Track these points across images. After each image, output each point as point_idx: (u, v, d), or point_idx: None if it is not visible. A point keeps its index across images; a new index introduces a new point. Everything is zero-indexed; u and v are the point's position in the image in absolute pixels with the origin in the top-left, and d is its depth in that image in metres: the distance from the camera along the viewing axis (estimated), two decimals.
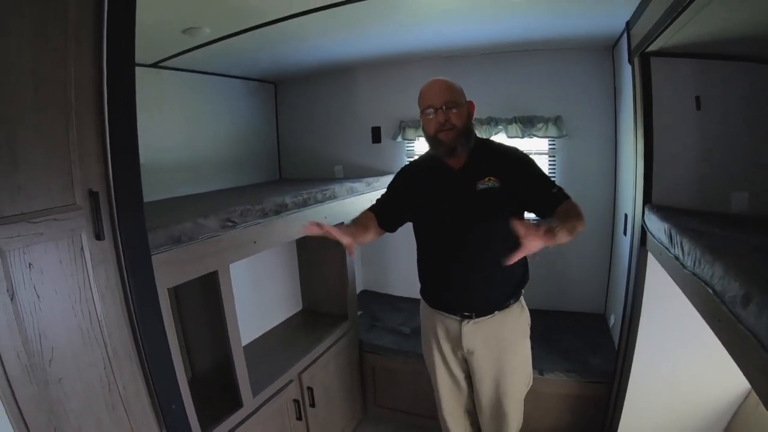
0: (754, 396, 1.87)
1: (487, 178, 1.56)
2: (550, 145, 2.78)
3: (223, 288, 1.74)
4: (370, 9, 1.96)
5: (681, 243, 1.42)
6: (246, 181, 3.15)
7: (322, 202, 2.32)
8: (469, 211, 1.57)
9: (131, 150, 1.37)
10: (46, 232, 1.19)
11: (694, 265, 1.30)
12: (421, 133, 2.97)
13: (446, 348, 1.78)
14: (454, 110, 1.52)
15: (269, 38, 2.25)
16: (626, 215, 2.27)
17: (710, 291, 1.16)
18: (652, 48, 1.61)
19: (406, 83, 2.94)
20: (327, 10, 1.92)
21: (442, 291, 1.72)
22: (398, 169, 1.84)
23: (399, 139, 3.10)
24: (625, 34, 2.01)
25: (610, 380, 2.22)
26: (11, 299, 1.12)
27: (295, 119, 3.45)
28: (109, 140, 1.30)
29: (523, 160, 1.60)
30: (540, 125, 2.63)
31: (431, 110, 1.53)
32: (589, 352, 2.43)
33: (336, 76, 3.19)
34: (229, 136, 3.07)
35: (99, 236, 1.29)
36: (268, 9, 1.87)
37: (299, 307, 2.99)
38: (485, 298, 1.66)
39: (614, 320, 2.52)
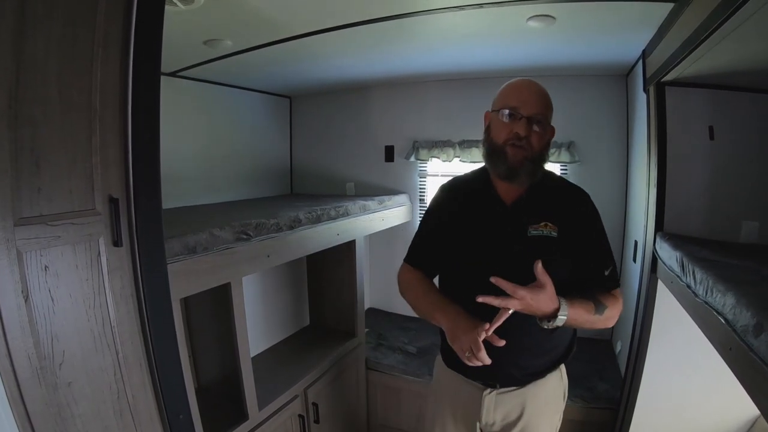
0: (761, 423, 1.84)
1: (543, 223, 1.23)
2: (562, 169, 2.79)
3: (235, 300, 1.75)
4: (392, 30, 2.00)
5: (693, 272, 1.42)
6: (257, 194, 3.18)
7: (335, 218, 2.34)
8: (513, 261, 1.20)
9: (153, 158, 1.39)
10: (64, 235, 1.21)
11: (706, 294, 1.31)
12: (436, 153, 3.02)
13: (459, 419, 1.43)
14: (539, 128, 1.18)
15: (289, 53, 2.30)
16: (636, 242, 2.27)
17: (722, 320, 1.16)
18: (667, 78, 1.63)
19: (421, 103, 3.00)
20: (350, 29, 1.97)
21: None
22: (415, 192, 1.50)
23: (412, 158, 3.12)
24: (641, 63, 2.04)
25: (616, 406, 2.19)
26: (25, 301, 1.13)
27: (309, 134, 3.50)
28: (132, 147, 1.33)
29: (590, 213, 1.28)
30: (553, 150, 2.65)
31: (513, 114, 1.19)
32: (596, 378, 2.41)
33: (351, 94, 3.24)
34: (243, 148, 3.11)
35: (117, 243, 1.30)
36: (293, 24, 1.92)
37: (306, 323, 2.99)
38: (520, 366, 1.31)
39: (621, 347, 2.50)
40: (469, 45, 2.22)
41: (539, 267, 1.06)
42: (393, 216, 2.92)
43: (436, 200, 1.44)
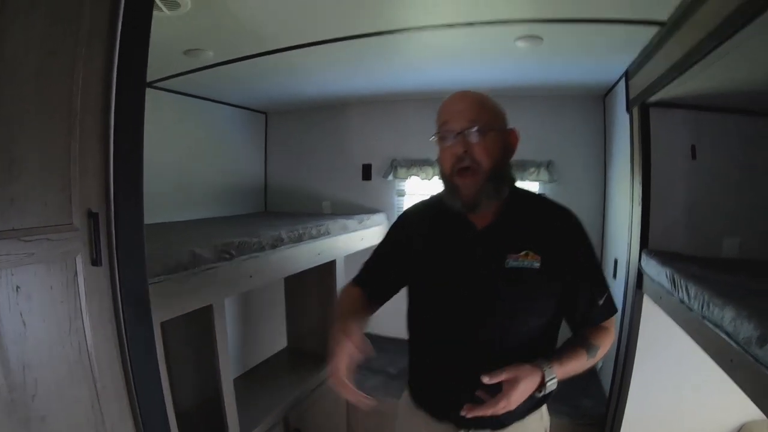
0: (746, 430, 1.90)
1: (523, 252, 1.03)
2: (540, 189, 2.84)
3: (218, 323, 1.64)
4: (377, 46, 1.99)
5: (686, 287, 1.45)
6: (231, 211, 3.06)
7: (316, 237, 2.28)
8: (490, 295, 1.05)
9: (135, 169, 1.30)
10: (38, 253, 1.09)
11: (702, 309, 1.33)
12: (415, 172, 3.01)
13: None
14: (480, 138, 1.00)
15: (269, 67, 2.25)
16: (616, 260, 2.32)
17: (721, 333, 1.19)
18: (652, 99, 1.69)
19: (400, 122, 3.00)
20: (335, 43, 1.94)
21: (438, 390, 1.15)
22: (393, 211, 1.28)
23: (390, 177, 3.10)
24: (621, 84, 2.12)
25: (601, 422, 2.20)
26: None
27: (285, 151, 3.42)
28: (113, 156, 1.23)
29: (578, 237, 1.09)
30: (532, 169, 2.70)
31: (445, 134, 1.05)
32: (580, 395, 2.42)
33: (328, 110, 3.21)
34: (217, 163, 3.00)
35: (96, 262, 1.19)
36: (279, 36, 1.88)
37: (283, 345, 2.87)
38: None
39: (602, 363, 2.52)
40: (453, 64, 2.24)
41: (488, 379, 0.93)
42: (371, 235, 2.87)
43: (396, 224, 1.27)
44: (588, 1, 1.52)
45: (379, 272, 1.25)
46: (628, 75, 1.93)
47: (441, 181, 1.13)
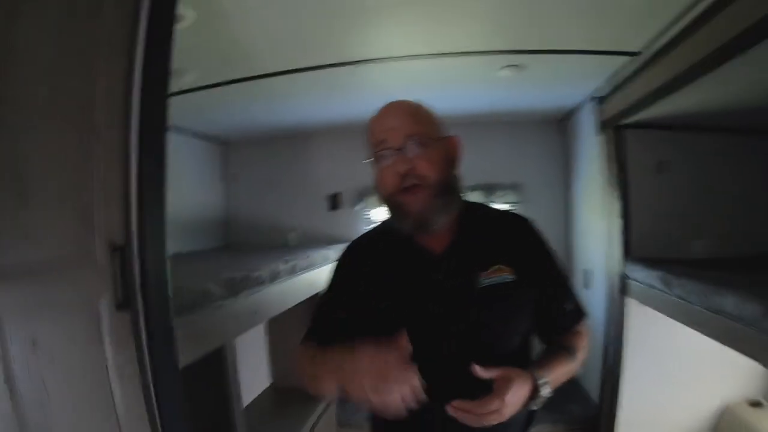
0: (728, 409, 2.13)
1: (495, 268, 0.94)
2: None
3: (231, 368, 1.46)
4: (346, 75, 2.02)
5: (682, 285, 1.61)
6: (191, 245, 2.75)
7: (306, 269, 2.18)
8: (471, 324, 0.92)
9: (160, 194, 1.14)
10: (58, 296, 0.90)
11: (701, 300, 1.51)
12: None
13: None
14: (421, 150, 0.90)
15: (231, 95, 2.17)
16: (586, 270, 2.52)
17: (725, 318, 1.39)
18: (626, 121, 1.91)
19: (366, 151, 2.99)
20: (304, 73, 1.95)
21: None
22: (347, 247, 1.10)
23: (359, 207, 3.06)
24: (584, 109, 2.35)
25: (591, 425, 2.31)
26: (10, 392, 0.80)
27: (247, 182, 3.23)
28: (137, 179, 1.06)
29: (540, 243, 1.03)
30: (500, 192, 2.84)
31: (385, 152, 0.92)
32: (565, 401, 2.50)
33: (294, 140, 3.11)
34: (178, 195, 2.71)
35: (122, 305, 1.00)
36: (267, 62, 1.86)
37: (268, 382, 2.68)
38: None
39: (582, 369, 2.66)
40: (422, 91, 2.31)
41: (478, 370, 0.83)
42: None
43: (339, 267, 1.08)
44: (568, 33, 1.68)
45: (334, 325, 1.03)
46: (599, 100, 2.15)
47: (382, 204, 1.00)
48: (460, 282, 0.93)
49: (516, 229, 1.02)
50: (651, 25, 1.52)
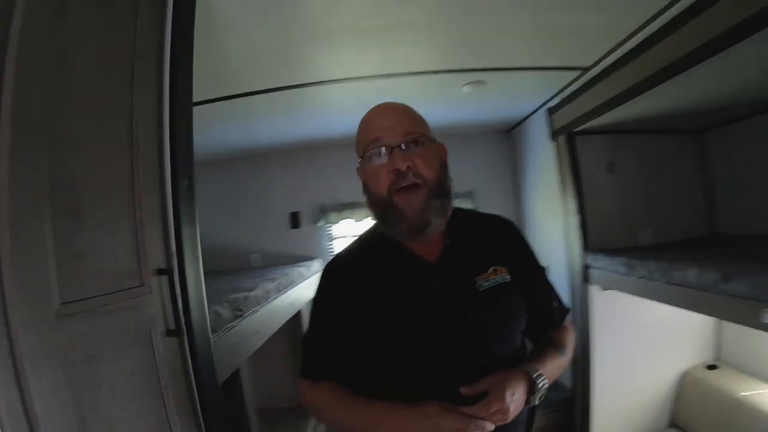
0: (689, 373, 2.39)
1: (491, 270, 0.94)
2: None
3: (246, 389, 1.39)
4: (302, 96, 2.05)
5: (645, 265, 1.85)
6: None
7: (287, 287, 2.12)
8: (469, 327, 0.89)
9: (192, 213, 1.08)
10: (116, 327, 0.83)
11: (664, 275, 1.75)
12: (346, 215, 3.01)
13: None
14: (420, 149, 0.88)
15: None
16: (545, 267, 2.73)
17: (687, 288, 1.63)
18: (577, 129, 2.16)
19: (326, 167, 3.00)
20: (263, 95, 1.96)
21: None
22: (325, 257, 0.98)
23: (321, 223, 3.03)
24: (533, 119, 2.61)
25: (566, 407, 2.49)
26: None
27: (203, 205, 3.00)
28: (172, 197, 1.01)
29: (525, 242, 1.04)
30: (457, 200, 2.98)
31: (381, 149, 0.88)
32: None
33: (249, 162, 3.02)
34: None
35: (173, 331, 0.94)
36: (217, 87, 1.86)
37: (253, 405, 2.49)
38: None
39: None
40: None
41: (466, 390, 0.83)
42: (315, 282, 2.75)
43: (325, 288, 1.01)
44: (525, 52, 1.86)
45: (335, 356, 0.96)
46: (550, 111, 2.39)
47: (374, 210, 0.95)
48: (460, 286, 0.91)
49: (504, 231, 1.03)
50: (600, 44, 1.73)
